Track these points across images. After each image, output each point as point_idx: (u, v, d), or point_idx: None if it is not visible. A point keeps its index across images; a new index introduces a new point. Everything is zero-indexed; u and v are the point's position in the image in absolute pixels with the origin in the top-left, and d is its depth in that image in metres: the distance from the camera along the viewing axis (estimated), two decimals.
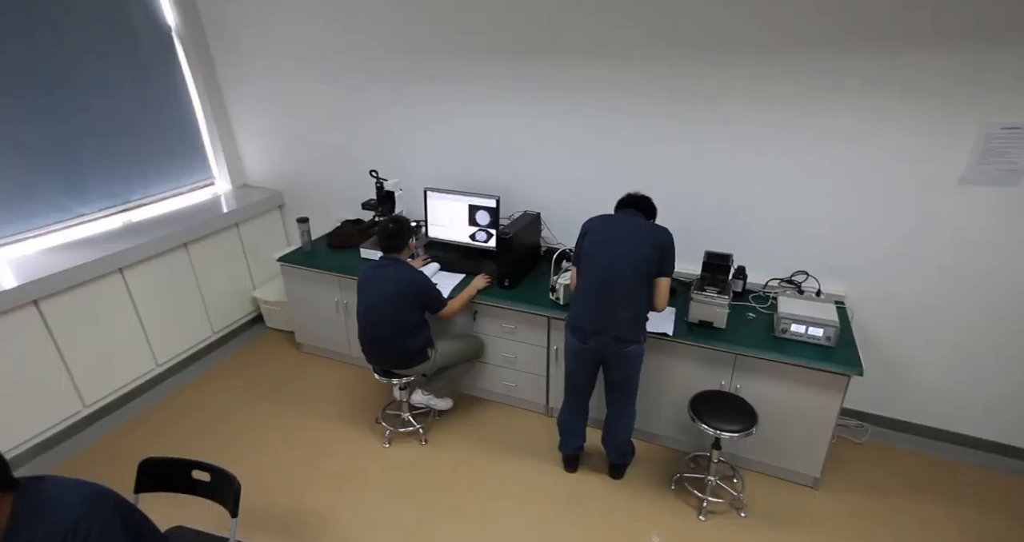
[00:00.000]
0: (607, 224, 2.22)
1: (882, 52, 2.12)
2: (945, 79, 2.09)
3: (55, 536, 1.11)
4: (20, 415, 2.44)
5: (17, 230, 2.62)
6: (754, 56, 2.30)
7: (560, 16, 2.53)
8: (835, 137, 2.32)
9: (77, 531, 1.12)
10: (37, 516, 1.13)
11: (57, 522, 1.12)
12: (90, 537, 1.13)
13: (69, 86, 2.72)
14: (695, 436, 2.56)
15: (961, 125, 2.14)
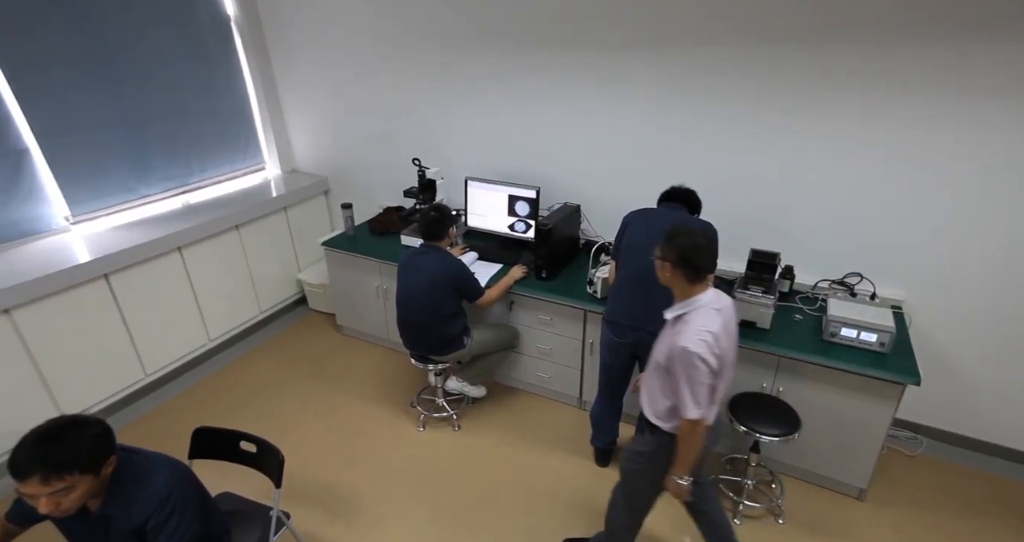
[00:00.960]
0: (648, 218, 2.17)
1: (959, 42, 1.97)
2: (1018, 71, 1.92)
3: (151, 504, 1.27)
4: (90, 381, 2.63)
5: (91, 209, 2.81)
6: (813, 47, 2.18)
7: (609, 8, 2.47)
8: (899, 134, 2.18)
9: (167, 503, 1.28)
10: (135, 485, 1.28)
11: (153, 494, 1.28)
12: (176, 509, 1.30)
13: (137, 74, 2.87)
14: (732, 438, 2.49)
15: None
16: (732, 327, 1.64)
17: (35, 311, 2.35)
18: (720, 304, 1.58)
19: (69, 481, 1.15)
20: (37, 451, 1.14)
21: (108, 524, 1.30)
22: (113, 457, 1.25)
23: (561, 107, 2.82)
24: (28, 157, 2.51)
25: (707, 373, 1.49)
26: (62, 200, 2.67)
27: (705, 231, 1.66)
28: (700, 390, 1.50)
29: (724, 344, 1.55)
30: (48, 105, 2.52)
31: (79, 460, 1.16)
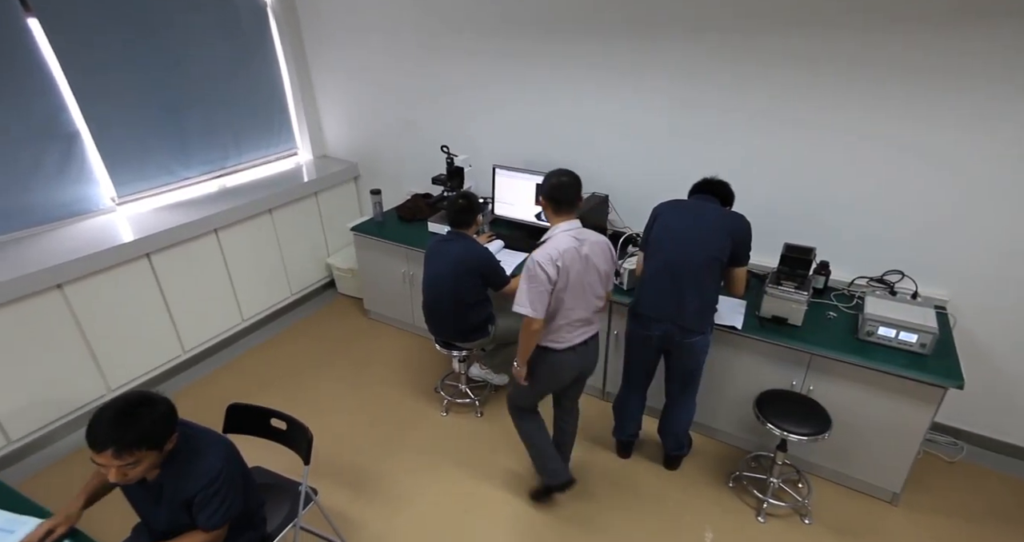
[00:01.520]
0: (679, 209, 2.12)
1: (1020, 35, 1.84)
2: None
3: (201, 480, 1.38)
4: (134, 355, 2.76)
5: (135, 190, 2.93)
6: (854, 32, 2.08)
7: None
8: (945, 123, 2.07)
9: (216, 480, 1.40)
10: (189, 459, 1.39)
11: (204, 470, 1.38)
12: (223, 486, 1.41)
13: (178, 61, 2.95)
14: (758, 435, 2.45)
15: None
16: (596, 259, 1.89)
17: (84, 287, 2.47)
18: (582, 235, 1.87)
19: (137, 456, 1.26)
20: (113, 429, 1.23)
21: (161, 492, 1.40)
22: (175, 434, 1.35)
23: (592, 96, 2.77)
24: (79, 140, 2.62)
25: (544, 280, 1.78)
26: (109, 181, 2.79)
27: (571, 172, 1.93)
28: (533, 293, 1.78)
29: (570, 264, 1.81)
30: (97, 90, 2.63)
31: (148, 439, 1.26)
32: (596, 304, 1.96)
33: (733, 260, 2.04)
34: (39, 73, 2.43)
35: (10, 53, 2.33)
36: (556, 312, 1.88)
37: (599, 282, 1.93)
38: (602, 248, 1.91)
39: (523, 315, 1.80)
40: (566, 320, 1.90)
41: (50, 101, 2.49)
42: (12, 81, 2.35)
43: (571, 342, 1.95)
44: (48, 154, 2.53)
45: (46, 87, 2.46)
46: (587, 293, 1.91)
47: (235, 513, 1.47)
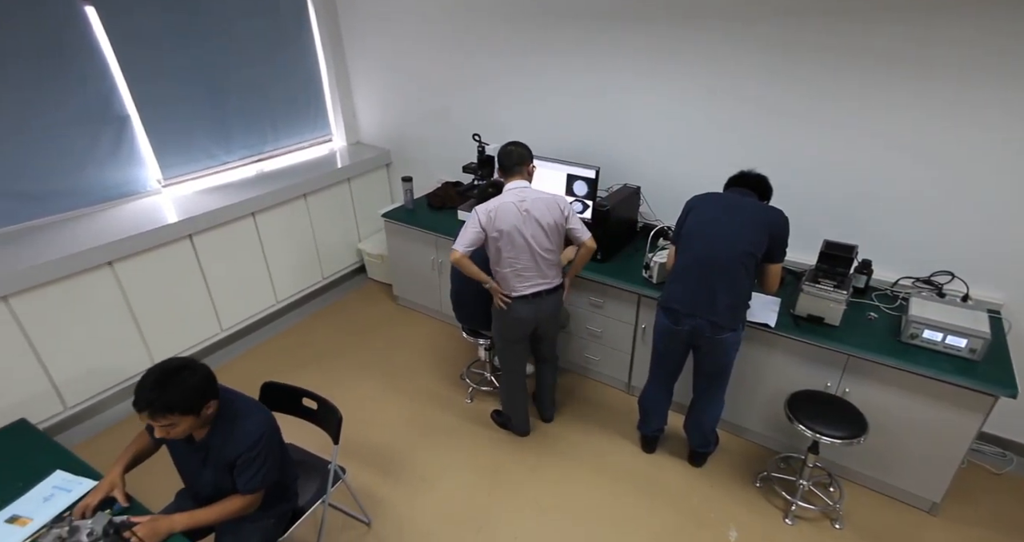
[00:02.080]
0: (714, 202, 2.07)
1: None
2: None
3: (245, 441, 1.47)
4: (176, 332, 2.89)
5: (180, 173, 3.04)
6: (904, 15, 1.96)
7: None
8: (1005, 119, 1.93)
9: (257, 444, 1.49)
10: (233, 424, 1.48)
11: (248, 433, 1.47)
12: (262, 451, 1.49)
13: (221, 47, 3.03)
14: (789, 436, 2.38)
15: None
16: (538, 213, 2.10)
17: (132, 265, 2.59)
18: (524, 194, 2.12)
19: (172, 419, 1.35)
20: (150, 393, 1.33)
21: (207, 453, 1.49)
22: (214, 401, 1.42)
23: (626, 86, 2.71)
24: (129, 124, 2.74)
25: (475, 222, 2.08)
26: (156, 164, 2.90)
27: (519, 143, 2.21)
28: (465, 233, 2.10)
29: (504, 215, 2.08)
30: (146, 76, 2.73)
31: (180, 404, 1.34)
32: (545, 257, 2.15)
33: (768, 256, 1.98)
34: (95, 59, 2.54)
35: (69, 40, 2.44)
36: (500, 261, 2.15)
37: (545, 236, 2.13)
38: (547, 203, 2.12)
39: (452, 248, 2.11)
40: (511, 269, 2.15)
41: (104, 86, 2.60)
42: (70, 66, 2.47)
43: (521, 292, 2.18)
44: (101, 137, 2.65)
45: (101, 72, 2.58)
46: (531, 246, 2.12)
47: (272, 480, 1.54)
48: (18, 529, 1.40)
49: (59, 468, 1.59)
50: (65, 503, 1.47)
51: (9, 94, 2.31)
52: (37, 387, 2.39)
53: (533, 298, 2.19)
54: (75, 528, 1.36)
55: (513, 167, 2.16)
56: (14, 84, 2.32)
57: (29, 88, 2.36)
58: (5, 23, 2.24)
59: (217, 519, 1.49)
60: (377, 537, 2.12)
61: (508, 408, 2.54)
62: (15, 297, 2.23)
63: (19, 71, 2.32)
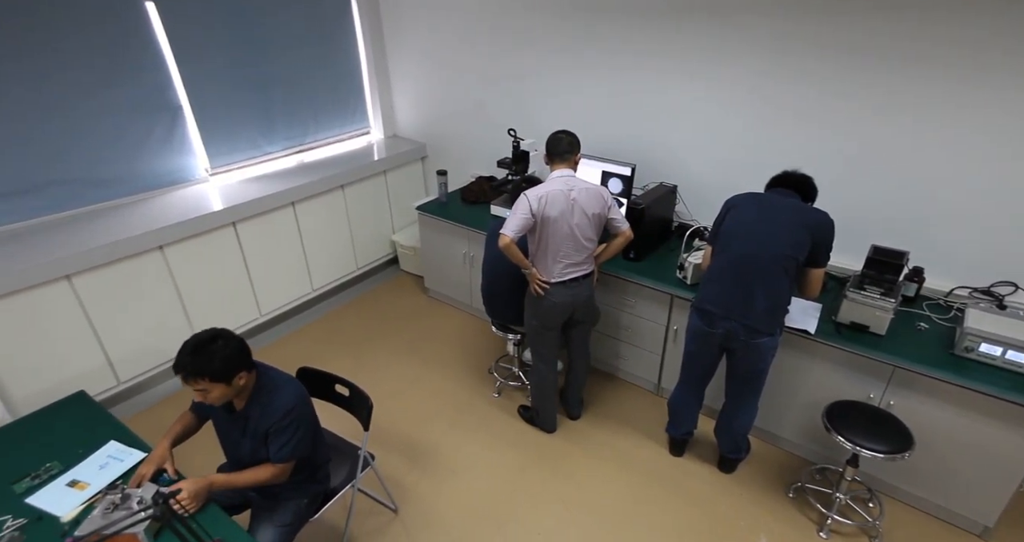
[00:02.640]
0: (755, 203, 2.01)
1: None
2: None
3: (280, 411, 1.54)
4: (218, 315, 2.99)
5: (226, 162, 3.15)
6: (976, 15, 1.84)
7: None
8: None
9: (290, 414, 1.56)
10: (269, 394, 1.56)
11: (282, 403, 1.55)
12: (295, 421, 1.56)
13: (267, 40, 3.12)
14: (825, 447, 2.31)
15: None
16: (584, 203, 2.13)
17: (180, 250, 2.71)
18: (572, 182, 2.15)
19: (203, 384, 1.44)
20: (185, 358, 1.43)
21: (246, 423, 1.57)
22: (244, 372, 1.49)
23: (665, 84, 2.66)
24: (181, 114, 2.85)
25: (526, 209, 2.10)
26: (204, 153, 3.02)
27: (569, 132, 2.23)
28: (512, 218, 2.10)
29: (553, 202, 2.10)
30: (198, 68, 2.84)
31: (208, 372, 1.42)
32: (586, 246, 2.21)
33: (811, 260, 1.92)
34: (153, 52, 2.66)
35: (131, 33, 2.56)
36: (546, 249, 2.18)
37: (588, 225, 2.17)
38: (592, 194, 2.16)
39: (500, 233, 2.12)
40: (554, 256, 2.18)
41: (160, 78, 2.72)
42: (130, 59, 2.59)
43: (560, 278, 2.22)
44: (155, 126, 2.77)
45: (157, 65, 2.69)
46: (575, 234, 2.15)
47: (302, 453, 1.59)
48: (78, 493, 1.51)
49: (113, 439, 1.69)
50: (118, 472, 1.57)
51: (76, 85, 2.45)
52: (94, 362, 2.54)
53: (571, 283, 2.23)
54: (127, 496, 1.45)
55: (563, 154, 2.18)
56: (80, 75, 2.45)
57: (93, 79, 2.49)
58: (75, 19, 2.37)
59: (249, 483, 1.56)
60: (403, 524, 2.17)
61: (537, 401, 2.54)
62: (77, 276, 2.37)
63: (85, 63, 2.45)
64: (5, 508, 1.47)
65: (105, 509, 1.41)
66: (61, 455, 1.63)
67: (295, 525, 1.69)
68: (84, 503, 1.47)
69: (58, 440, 1.69)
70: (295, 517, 1.69)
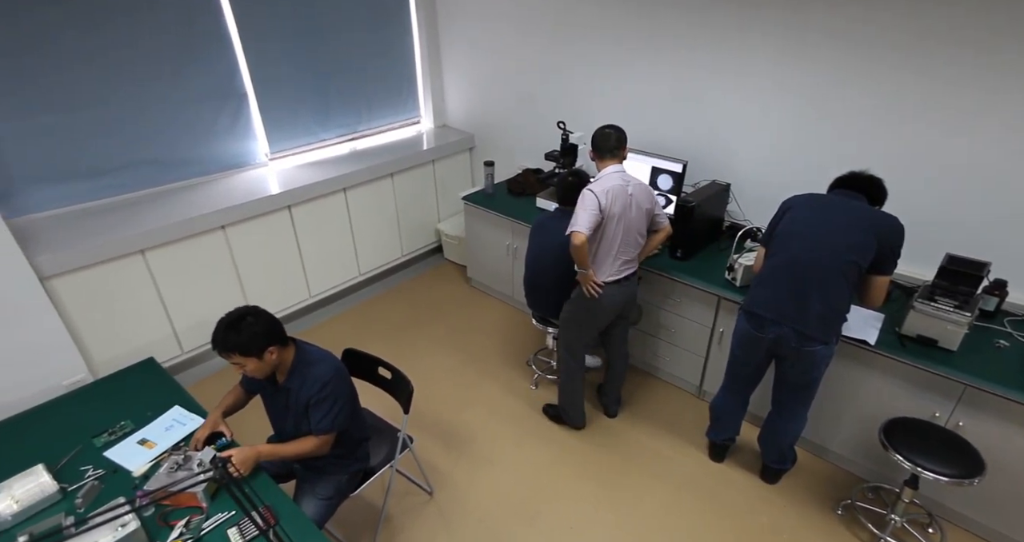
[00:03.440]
0: (816, 204, 1.90)
1: None
2: None
3: (318, 383, 1.61)
4: (272, 294, 3.15)
5: (284, 148, 3.29)
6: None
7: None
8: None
9: (327, 386, 1.62)
10: (308, 367, 1.63)
11: (318, 376, 1.61)
12: (331, 393, 1.62)
13: (326, 30, 3.21)
14: (881, 465, 2.18)
15: None
16: (639, 199, 2.15)
17: (241, 230, 2.86)
18: (627, 177, 2.15)
19: (236, 359, 1.52)
20: (218, 334, 1.51)
21: (288, 396, 1.65)
22: (275, 347, 1.55)
23: (722, 79, 2.55)
24: (246, 101, 2.99)
25: (595, 205, 2.05)
26: (265, 139, 3.16)
27: (616, 126, 2.19)
28: (584, 215, 2.04)
29: (616, 198, 2.09)
30: (263, 57, 2.96)
31: (238, 346, 1.50)
32: (639, 241, 2.23)
33: (876, 266, 1.80)
34: (223, 40, 2.79)
35: (204, 23, 2.70)
36: (608, 246, 2.15)
37: (643, 219, 2.19)
38: (644, 189, 2.19)
39: (574, 231, 2.05)
40: (612, 254, 2.16)
41: (229, 65, 2.86)
42: (203, 47, 2.73)
43: (615, 276, 2.20)
44: (223, 112, 2.92)
45: (227, 53, 2.83)
46: (631, 229, 2.16)
47: (341, 424, 1.65)
48: (147, 451, 1.63)
49: (177, 404, 1.81)
50: (181, 434, 1.69)
51: (156, 75, 2.61)
52: (162, 332, 2.73)
53: (623, 282, 2.23)
54: (188, 457, 1.55)
55: (612, 150, 2.16)
56: (161, 66, 2.61)
57: (172, 70, 2.65)
58: (157, 17, 2.53)
59: (293, 454, 1.64)
60: (438, 507, 2.22)
61: (567, 400, 2.53)
62: (150, 252, 2.54)
63: (166, 56, 2.61)
64: (87, 459, 1.61)
65: (170, 468, 1.52)
66: (133, 415, 1.77)
67: (336, 499, 1.77)
68: (152, 461, 1.59)
69: (130, 401, 1.83)
70: (336, 491, 1.77)
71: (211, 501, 1.47)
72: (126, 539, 1.31)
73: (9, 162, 2.33)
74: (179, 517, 1.43)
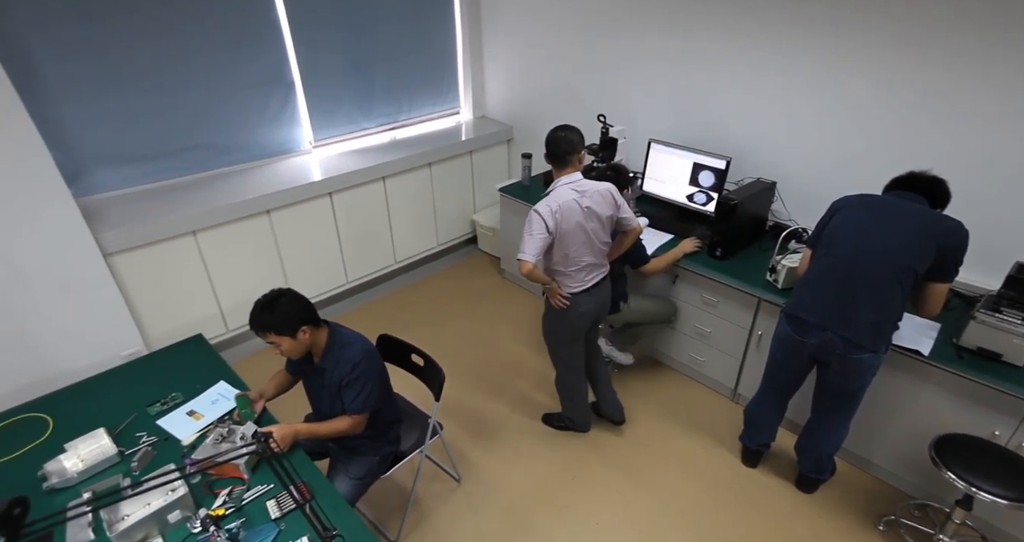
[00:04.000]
0: (870, 205, 1.81)
1: None
2: None
3: (349, 364, 1.66)
4: (311, 277, 3.25)
5: (327, 136, 3.36)
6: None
7: None
8: None
9: (357, 367, 1.66)
10: (341, 349, 1.68)
11: (349, 357, 1.66)
12: (362, 373, 1.67)
13: (370, 20, 3.24)
14: (929, 482, 2.08)
15: None
16: (598, 209, 1.98)
17: (284, 215, 2.95)
18: (582, 187, 1.98)
19: (271, 338, 1.58)
20: (253, 315, 1.58)
21: (323, 376, 1.71)
22: (308, 327, 1.60)
23: (771, 73, 2.45)
24: (294, 89, 3.07)
25: (541, 228, 1.92)
26: (309, 127, 3.24)
27: (570, 127, 2.01)
28: (529, 241, 1.93)
29: (568, 215, 1.94)
30: (311, 46, 3.02)
31: (272, 326, 1.57)
32: (603, 249, 2.11)
33: (934, 273, 1.70)
34: (274, 30, 2.87)
35: (256, 13, 2.78)
36: (567, 259, 2.04)
37: (603, 229, 2.05)
38: (603, 195, 2.00)
39: (520, 259, 1.96)
40: (577, 266, 2.06)
41: (278, 54, 2.94)
42: (255, 36, 2.82)
43: (586, 285, 2.10)
44: (271, 100, 3.01)
45: (277, 42, 2.91)
46: (592, 240, 2.04)
47: (373, 404, 1.70)
48: (194, 422, 1.72)
49: (222, 379, 1.90)
50: (225, 408, 1.77)
51: (211, 60, 2.70)
52: (210, 310, 2.86)
53: (594, 289, 2.13)
54: (232, 431, 1.63)
55: (564, 157, 1.98)
56: (215, 54, 2.70)
57: (225, 55, 2.74)
58: (212, 7, 2.61)
59: (328, 433, 1.70)
60: (465, 494, 2.26)
61: (570, 411, 2.46)
62: (201, 233, 2.66)
63: (220, 43, 2.70)
64: (141, 426, 1.72)
65: (215, 440, 1.60)
66: (183, 387, 1.86)
67: (367, 479, 1.82)
68: (199, 431, 1.68)
69: (180, 374, 1.93)
70: (367, 472, 1.82)
71: (252, 473, 1.54)
72: (175, 503, 1.39)
73: (80, 145, 2.47)
74: (222, 486, 1.50)
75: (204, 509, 1.42)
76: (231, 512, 1.44)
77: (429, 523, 2.13)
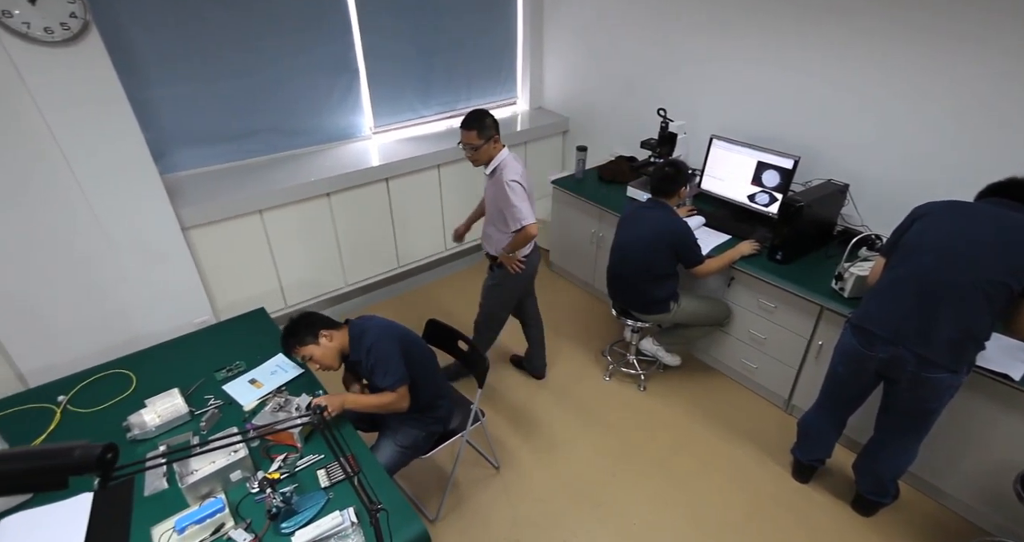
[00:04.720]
0: (958, 213, 1.66)
1: None
2: None
3: (365, 351, 1.75)
4: (365, 260, 3.35)
5: (387, 122, 3.44)
6: None
7: None
8: None
9: (370, 353, 1.73)
10: (359, 340, 1.78)
11: (366, 344, 1.75)
12: (376, 354, 1.73)
13: (432, 8, 3.27)
14: (1008, 517, 1.91)
15: None
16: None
17: (343, 198, 3.05)
18: (519, 159, 2.30)
19: (301, 352, 1.71)
20: (281, 341, 1.75)
21: (359, 368, 1.81)
22: (328, 331, 1.73)
23: (847, 68, 2.29)
24: (358, 76, 3.16)
25: (525, 193, 2.21)
26: (371, 113, 3.32)
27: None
28: (529, 202, 2.23)
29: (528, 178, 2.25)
30: (375, 34, 3.09)
31: (298, 340, 1.71)
32: None
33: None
34: (343, 18, 2.96)
35: (328, 3, 2.87)
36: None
37: None
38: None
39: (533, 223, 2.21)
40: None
41: (346, 42, 3.02)
42: (325, 24, 2.91)
43: (531, 246, 2.38)
44: (337, 86, 3.10)
45: (345, 30, 2.99)
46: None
47: (402, 377, 1.74)
48: (255, 390, 1.82)
49: (280, 352, 1.99)
50: (283, 380, 1.86)
51: (283, 48, 2.82)
52: (271, 285, 3.01)
53: (534, 249, 2.44)
54: (288, 401, 1.71)
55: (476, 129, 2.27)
56: (286, 41, 2.81)
57: (296, 45, 2.85)
58: None
59: (374, 405, 1.76)
60: (503, 482, 2.28)
61: (484, 344, 2.67)
62: (267, 212, 2.79)
63: (290, 29, 2.80)
64: (209, 390, 1.84)
65: (273, 408, 1.69)
66: (246, 357, 1.98)
67: (410, 451, 1.87)
68: (259, 399, 1.78)
69: (244, 344, 2.05)
70: (412, 443, 1.87)
71: (305, 443, 1.62)
72: (236, 463, 1.48)
73: (165, 126, 2.65)
74: (278, 452, 1.59)
75: (262, 472, 1.50)
76: (285, 477, 1.51)
77: (467, 506, 2.17)
